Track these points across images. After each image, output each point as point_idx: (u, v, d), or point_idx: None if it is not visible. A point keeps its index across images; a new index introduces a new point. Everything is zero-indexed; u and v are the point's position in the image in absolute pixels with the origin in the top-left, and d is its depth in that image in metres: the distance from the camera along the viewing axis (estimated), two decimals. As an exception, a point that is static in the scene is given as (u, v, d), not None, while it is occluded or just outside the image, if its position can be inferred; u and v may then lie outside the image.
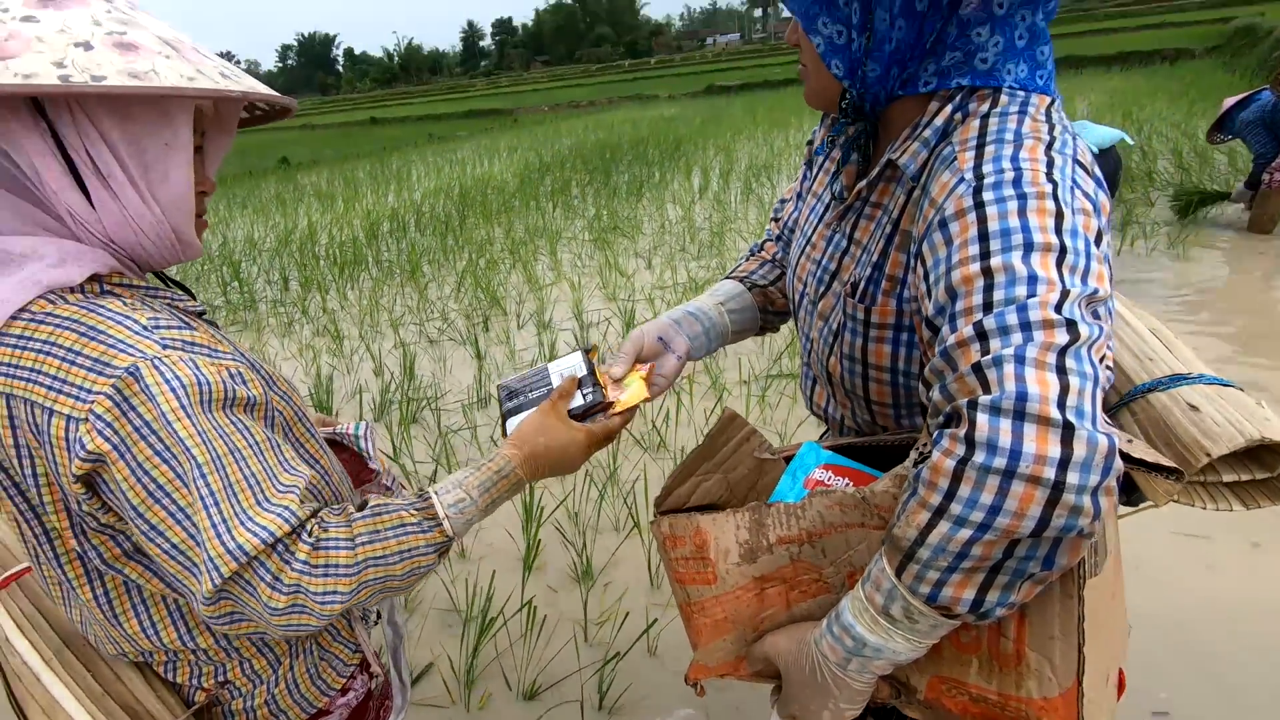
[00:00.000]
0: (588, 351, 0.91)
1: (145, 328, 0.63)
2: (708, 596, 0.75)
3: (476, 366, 3.49)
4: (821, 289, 0.84)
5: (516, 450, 0.78)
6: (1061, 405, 0.53)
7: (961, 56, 0.70)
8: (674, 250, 5.23)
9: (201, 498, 0.61)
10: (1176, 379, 0.82)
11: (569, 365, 0.88)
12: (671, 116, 15.56)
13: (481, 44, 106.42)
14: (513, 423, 0.84)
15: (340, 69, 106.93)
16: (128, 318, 0.63)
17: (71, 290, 0.64)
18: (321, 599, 0.65)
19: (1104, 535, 0.63)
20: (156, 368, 0.61)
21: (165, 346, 0.63)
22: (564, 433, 0.80)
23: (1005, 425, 0.53)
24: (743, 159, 8.72)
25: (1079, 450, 0.52)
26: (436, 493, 0.73)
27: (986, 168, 0.64)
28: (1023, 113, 0.68)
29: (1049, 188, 0.62)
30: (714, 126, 12.48)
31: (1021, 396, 0.53)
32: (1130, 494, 0.83)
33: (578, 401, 0.84)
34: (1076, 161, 0.65)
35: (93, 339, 0.61)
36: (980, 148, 0.66)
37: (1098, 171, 0.69)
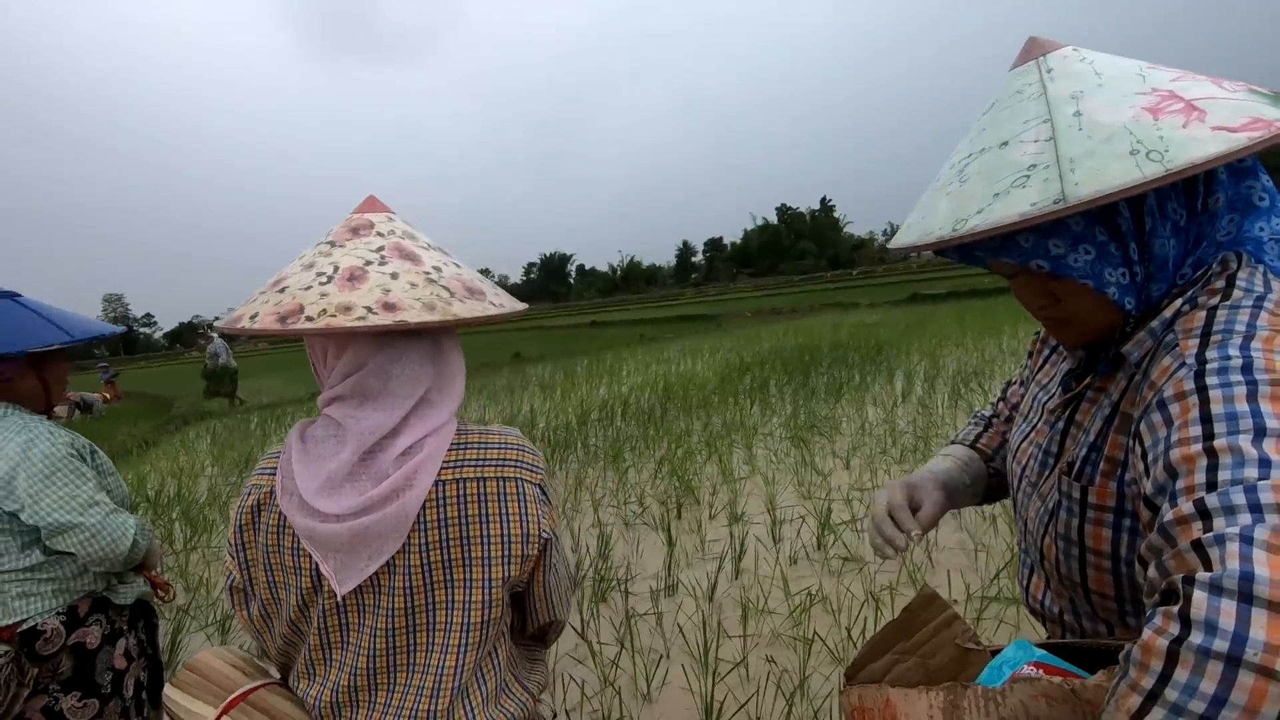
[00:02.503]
0: None
1: None
2: None
3: (667, 552, 3.53)
4: (1044, 472, 0.83)
5: None
6: None
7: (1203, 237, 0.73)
8: (874, 453, 5.06)
9: None
10: None
11: None
12: (873, 323, 15.70)
13: (693, 259, 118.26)
14: None
15: (571, 281, 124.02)
16: None
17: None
18: None
19: None
20: None
21: None
22: None
23: (1228, 606, 0.49)
24: (950, 365, 8.44)
25: None
26: None
27: (1210, 353, 0.64)
28: (1258, 306, 0.67)
29: None
30: (918, 332, 12.35)
31: (1247, 577, 0.50)
32: None
33: None
34: None
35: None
36: (1205, 335, 0.66)
37: None
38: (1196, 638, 0.50)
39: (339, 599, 0.86)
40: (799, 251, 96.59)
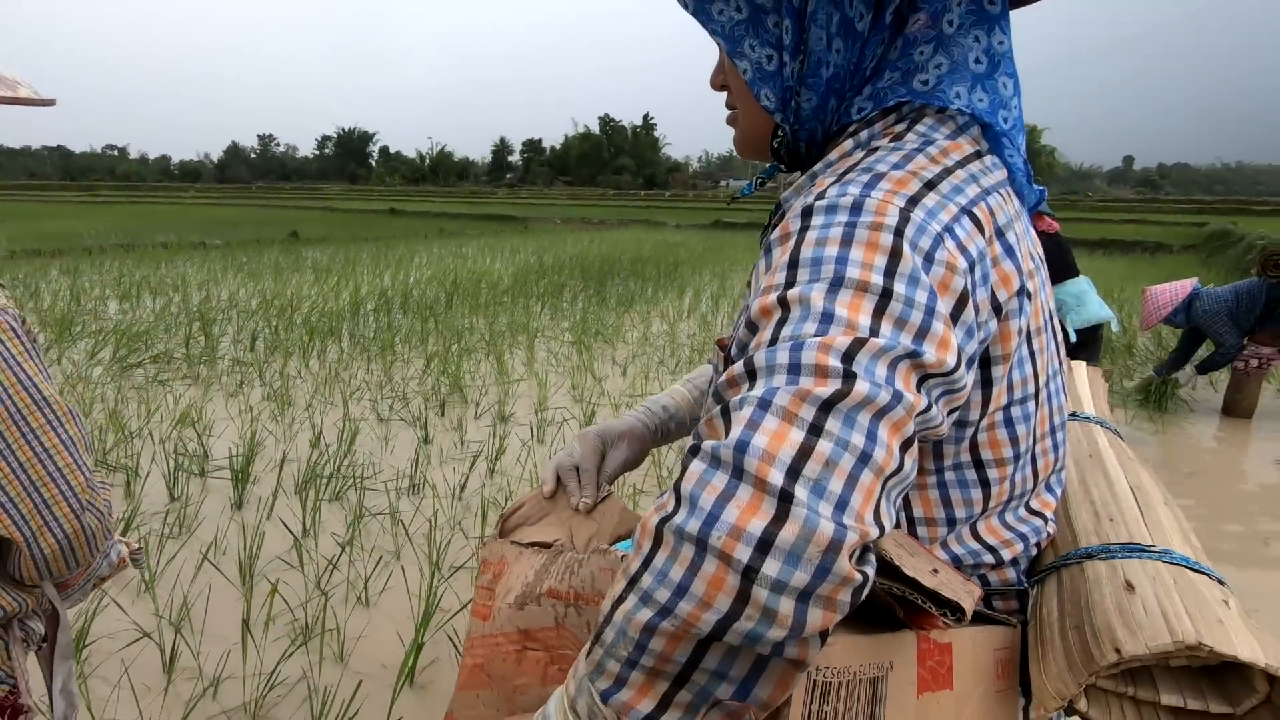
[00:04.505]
0: None
1: None
2: (477, 634, 0.71)
3: (418, 449, 3.29)
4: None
5: None
6: (792, 471, 0.41)
7: (900, 77, 0.60)
8: (652, 362, 5.16)
9: None
10: (1130, 548, 0.64)
11: None
12: (676, 242, 16.12)
13: (510, 158, 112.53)
14: None
15: (373, 163, 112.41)
16: None
17: None
18: None
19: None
20: None
21: None
22: None
23: (718, 480, 0.42)
24: (736, 286, 8.88)
25: (788, 533, 0.39)
26: None
27: (832, 190, 0.54)
28: (920, 150, 0.57)
29: (894, 222, 0.50)
30: (714, 255, 12.88)
31: (742, 447, 0.42)
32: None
33: None
34: (966, 212, 0.54)
35: None
36: (846, 173, 0.56)
37: (1017, 242, 0.57)
38: (679, 516, 0.42)
39: None
40: (618, 166, 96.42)
